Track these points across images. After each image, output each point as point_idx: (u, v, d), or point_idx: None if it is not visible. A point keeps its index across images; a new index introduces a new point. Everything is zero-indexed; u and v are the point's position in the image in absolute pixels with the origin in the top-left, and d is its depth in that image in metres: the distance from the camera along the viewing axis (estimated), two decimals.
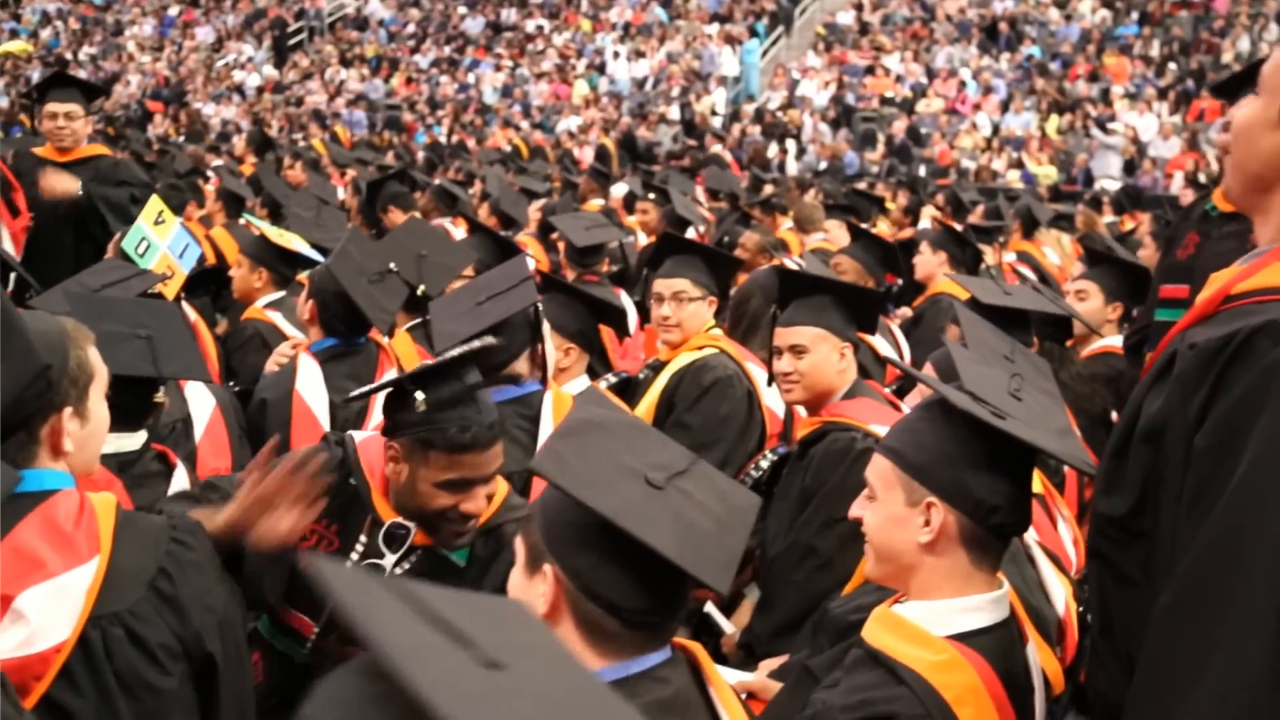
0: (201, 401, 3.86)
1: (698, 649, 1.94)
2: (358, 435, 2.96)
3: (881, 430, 3.39)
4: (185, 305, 5.25)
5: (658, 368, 5.80)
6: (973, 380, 2.27)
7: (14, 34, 29.77)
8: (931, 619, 2.16)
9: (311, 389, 4.14)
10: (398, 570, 2.75)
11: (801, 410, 3.98)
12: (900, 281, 8.08)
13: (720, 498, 1.88)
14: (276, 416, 4.04)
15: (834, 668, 2.28)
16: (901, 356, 5.94)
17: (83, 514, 2.20)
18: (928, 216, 10.63)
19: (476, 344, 2.75)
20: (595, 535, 1.78)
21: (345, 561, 2.69)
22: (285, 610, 2.90)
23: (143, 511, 2.40)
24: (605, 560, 1.79)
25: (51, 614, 2.10)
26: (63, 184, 6.29)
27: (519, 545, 1.90)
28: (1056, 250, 9.75)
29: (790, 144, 21.24)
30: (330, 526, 2.81)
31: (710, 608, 3.87)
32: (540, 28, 27.53)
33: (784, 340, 3.91)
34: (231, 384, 4.84)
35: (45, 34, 29.82)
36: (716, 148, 19.78)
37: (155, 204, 5.12)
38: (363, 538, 2.79)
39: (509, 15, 28.07)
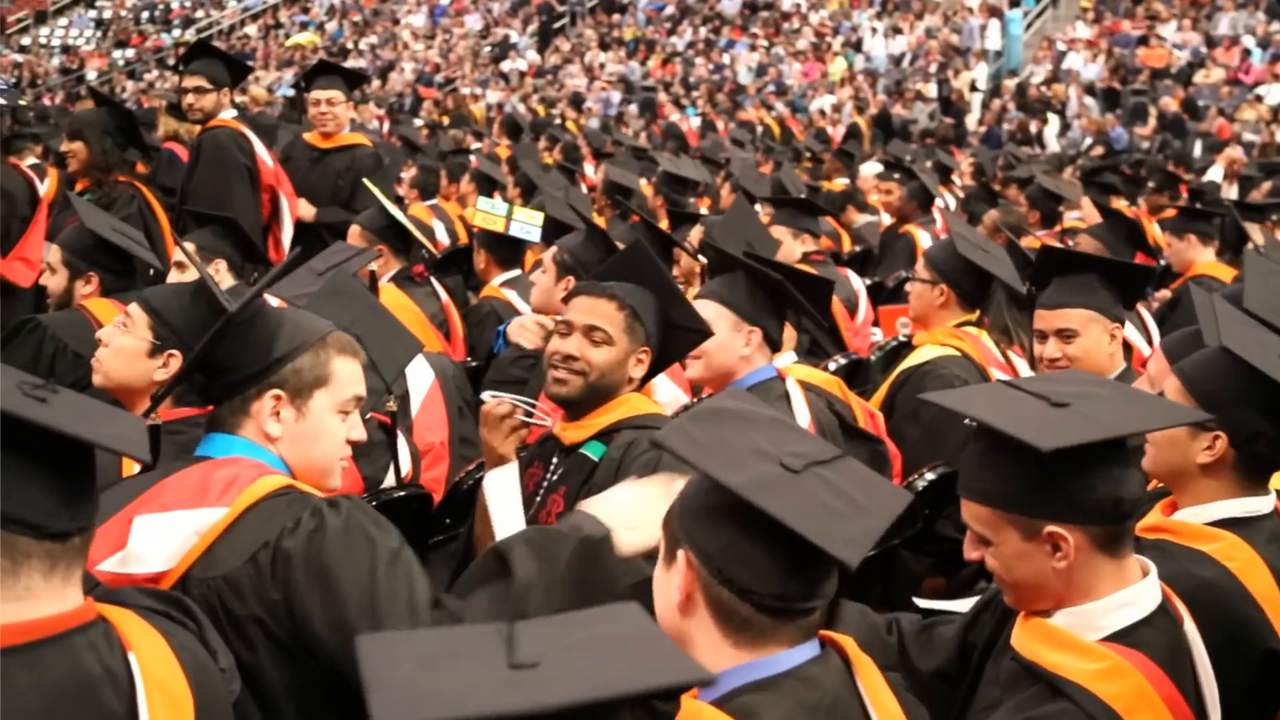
0: (421, 375, 4.02)
1: (849, 644, 1.87)
2: None
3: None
4: (435, 282, 5.54)
5: (894, 351, 5.72)
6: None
7: (303, 26, 31.67)
8: (1083, 624, 2.03)
9: None
10: (556, 475, 3.06)
11: None
12: (1161, 263, 7.68)
13: (865, 487, 1.81)
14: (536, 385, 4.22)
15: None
16: (1151, 343, 5.65)
17: (233, 483, 2.24)
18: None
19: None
20: (725, 514, 1.75)
21: (542, 485, 3.10)
22: None
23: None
24: (736, 540, 1.75)
25: (152, 543, 2.17)
26: (300, 211, 6.68)
27: (661, 538, 1.88)
28: None
29: (1054, 120, 20.38)
30: (538, 465, 3.15)
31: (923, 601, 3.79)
32: (797, 6, 27.31)
33: (1049, 324, 3.73)
34: (469, 359, 5.06)
35: (331, 26, 31.57)
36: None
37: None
38: (553, 460, 3.13)
39: None
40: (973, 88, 22.37)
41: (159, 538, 2.17)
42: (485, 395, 3.01)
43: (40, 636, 1.65)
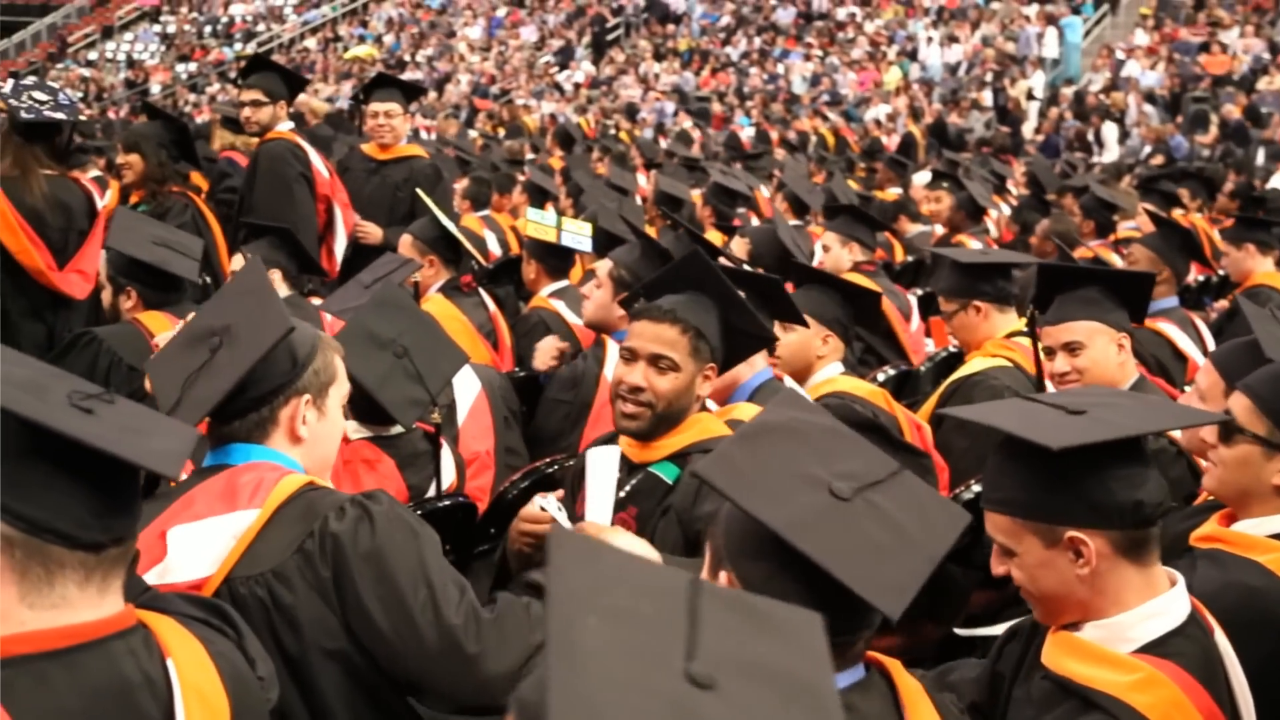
0: (467, 385, 4.05)
1: (894, 666, 1.85)
2: None
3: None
4: (483, 293, 5.58)
5: (945, 362, 5.68)
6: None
7: (361, 39, 32.03)
8: (1113, 636, 2.00)
9: None
10: (623, 492, 3.03)
11: None
12: (1218, 274, 7.57)
13: (919, 511, 1.79)
14: (583, 398, 4.25)
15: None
16: (1205, 353, 5.58)
17: (260, 485, 2.27)
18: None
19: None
20: (768, 547, 1.73)
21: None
22: None
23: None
24: (777, 573, 1.72)
25: (191, 551, 2.20)
26: (368, 231, 6.76)
27: (707, 547, 1.88)
28: None
29: (1112, 128, 20.14)
30: None
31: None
32: (852, 15, 27.23)
33: (1056, 339, 3.74)
34: (516, 369, 5.09)
35: (389, 39, 31.90)
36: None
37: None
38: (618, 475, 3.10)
39: (820, 4, 27.91)
40: (1029, 96, 22.17)
41: (197, 545, 2.20)
42: (540, 501, 2.94)
43: (80, 641, 1.67)
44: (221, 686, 1.77)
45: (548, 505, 2.88)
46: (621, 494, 3.03)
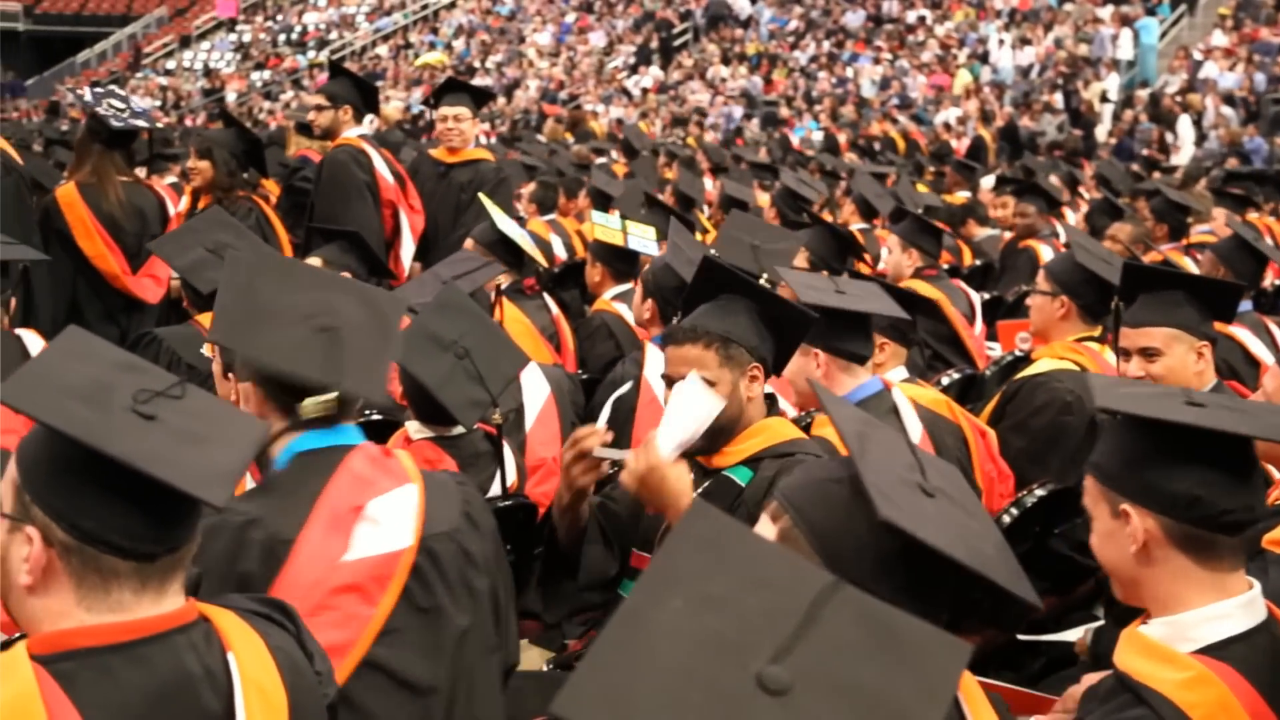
0: (536, 388, 4.07)
1: None
2: None
3: None
4: (546, 296, 5.63)
5: (1010, 366, 5.63)
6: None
7: (431, 46, 32.36)
8: (1176, 635, 2.00)
9: (659, 377, 4.36)
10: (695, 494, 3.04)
11: None
12: None
13: (969, 515, 1.82)
14: (625, 403, 4.28)
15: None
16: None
17: (388, 454, 2.49)
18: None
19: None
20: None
21: None
22: (635, 555, 3.16)
23: None
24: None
25: (396, 520, 2.36)
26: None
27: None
28: None
29: (1188, 131, 19.78)
30: None
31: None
32: (922, 18, 27.02)
33: (1133, 342, 3.69)
34: (580, 372, 5.12)
35: (459, 45, 32.19)
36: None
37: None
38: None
39: (890, 7, 27.73)
40: (1103, 98, 21.85)
41: (397, 514, 2.38)
42: (599, 451, 2.98)
43: (142, 635, 1.71)
44: (280, 680, 1.79)
45: (604, 453, 2.94)
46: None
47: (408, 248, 6.63)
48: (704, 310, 3.06)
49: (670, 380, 3.01)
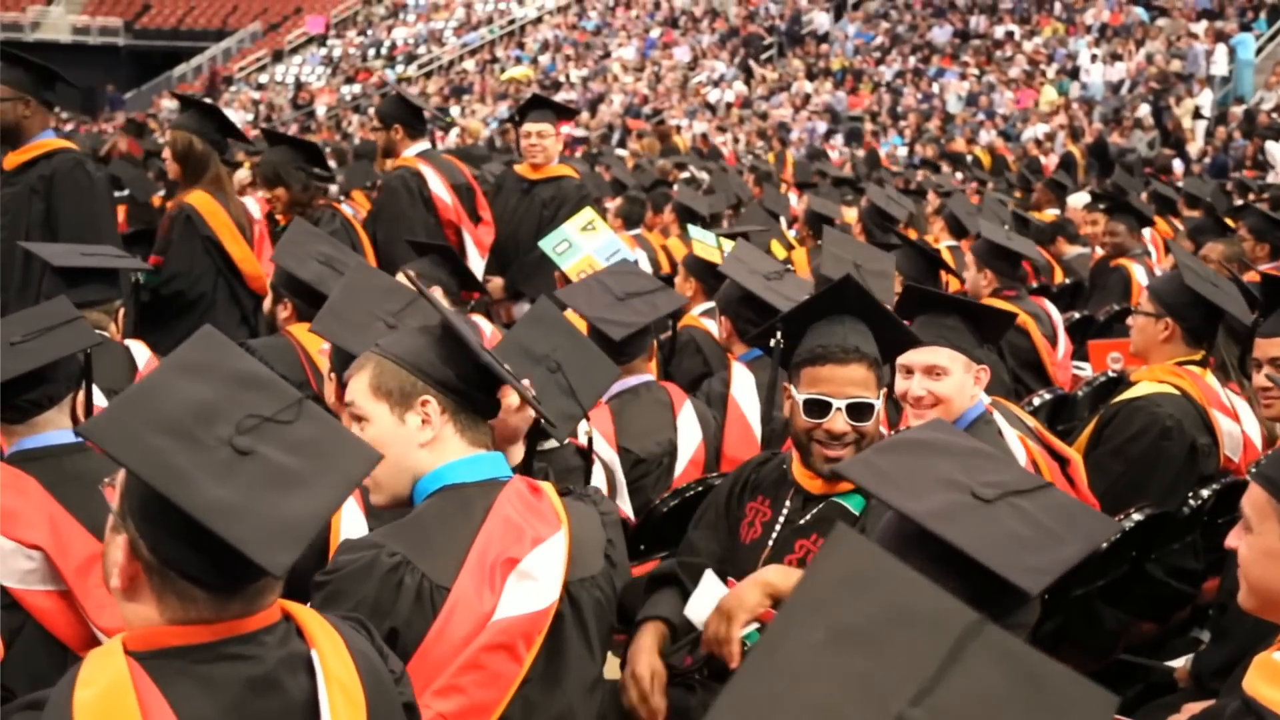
0: (690, 433, 4.11)
1: None
2: None
3: None
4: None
5: (1104, 387, 5.53)
6: None
7: (518, 60, 32.65)
8: None
9: (746, 395, 4.36)
10: (803, 520, 2.99)
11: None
12: None
13: (1066, 516, 1.78)
14: (715, 421, 4.30)
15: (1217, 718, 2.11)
16: None
17: (536, 490, 2.50)
18: None
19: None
20: (910, 545, 1.75)
21: (774, 527, 3.04)
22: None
23: None
24: (924, 568, 1.73)
25: (549, 574, 2.38)
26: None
27: None
28: None
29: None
30: (764, 502, 3.10)
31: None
32: (1010, 34, 26.72)
33: (1264, 352, 3.66)
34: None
35: (544, 59, 32.46)
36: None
37: (587, 213, 5.64)
38: (787, 503, 3.05)
39: (978, 23, 27.46)
40: (1196, 114, 21.41)
41: (549, 568, 2.39)
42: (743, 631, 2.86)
43: (234, 634, 1.75)
44: (359, 680, 1.83)
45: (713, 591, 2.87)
46: (801, 522, 2.99)
47: (475, 263, 6.63)
48: (846, 334, 2.95)
49: (824, 403, 2.92)
